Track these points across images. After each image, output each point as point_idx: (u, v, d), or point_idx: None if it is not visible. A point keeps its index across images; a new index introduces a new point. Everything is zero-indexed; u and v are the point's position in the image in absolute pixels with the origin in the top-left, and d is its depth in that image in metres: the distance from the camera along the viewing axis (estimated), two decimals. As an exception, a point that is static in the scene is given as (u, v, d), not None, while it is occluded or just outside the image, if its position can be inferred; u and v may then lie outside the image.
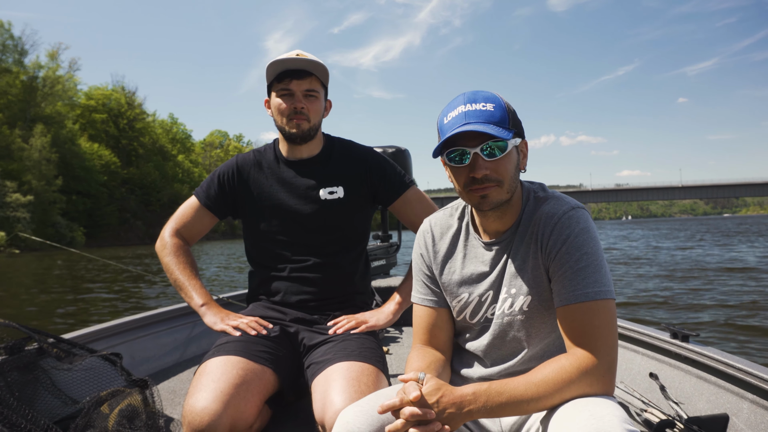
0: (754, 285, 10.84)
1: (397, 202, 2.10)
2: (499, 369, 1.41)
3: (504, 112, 1.27)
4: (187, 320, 3.06)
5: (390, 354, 3.08)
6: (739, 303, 8.38)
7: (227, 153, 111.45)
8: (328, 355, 1.77)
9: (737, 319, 7.02)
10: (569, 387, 1.16)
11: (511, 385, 1.18)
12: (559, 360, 1.20)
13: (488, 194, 1.28)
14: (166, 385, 2.55)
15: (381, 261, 4.50)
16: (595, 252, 1.25)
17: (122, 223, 69.10)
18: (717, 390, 1.90)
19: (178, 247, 2.09)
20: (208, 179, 2.13)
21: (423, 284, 1.53)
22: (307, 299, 2.00)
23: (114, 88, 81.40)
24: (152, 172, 78.53)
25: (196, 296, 2.01)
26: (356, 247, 2.09)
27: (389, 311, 2.02)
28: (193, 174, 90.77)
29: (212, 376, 1.63)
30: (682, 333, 2.11)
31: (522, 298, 1.35)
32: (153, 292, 13.38)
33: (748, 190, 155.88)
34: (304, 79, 1.92)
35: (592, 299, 1.21)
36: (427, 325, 1.50)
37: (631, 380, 2.32)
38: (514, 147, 1.30)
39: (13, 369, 1.56)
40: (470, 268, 1.44)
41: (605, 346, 1.19)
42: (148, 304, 11.03)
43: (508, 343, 1.40)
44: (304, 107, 1.93)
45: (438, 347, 1.49)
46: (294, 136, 1.97)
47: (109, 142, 75.04)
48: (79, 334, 2.32)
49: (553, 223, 1.30)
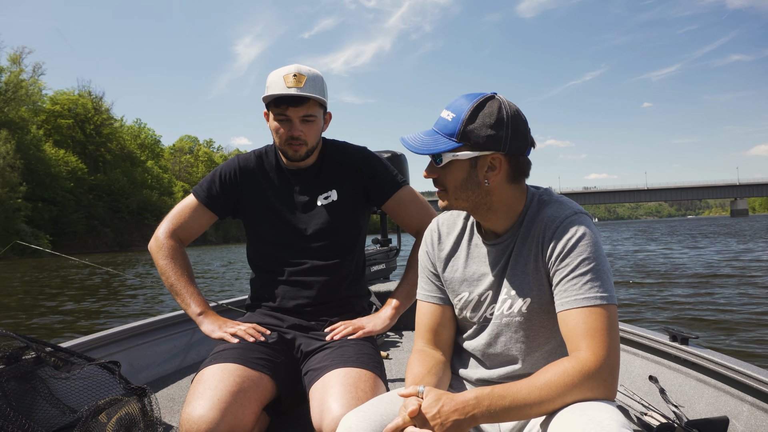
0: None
1: (391, 202, 2.09)
2: (499, 372, 1.42)
3: (456, 125, 1.29)
4: (185, 327, 3.03)
5: (389, 359, 3.08)
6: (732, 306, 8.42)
7: (197, 158, 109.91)
8: (325, 362, 1.77)
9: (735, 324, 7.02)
10: (572, 391, 1.16)
11: (514, 388, 1.18)
12: (562, 363, 1.20)
13: (439, 196, 1.38)
14: (165, 392, 2.53)
15: (380, 265, 4.47)
16: (596, 257, 1.26)
17: (89, 230, 67.45)
18: (717, 393, 1.90)
19: (174, 250, 2.06)
20: (207, 178, 2.10)
21: (428, 281, 1.55)
22: (304, 304, 2.00)
23: (80, 93, 79.61)
24: (120, 178, 76.93)
25: (194, 304, 2.00)
26: (352, 251, 2.08)
27: (386, 316, 2.01)
28: (163, 180, 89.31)
29: (209, 383, 1.63)
30: (681, 335, 2.11)
31: (521, 301, 1.36)
32: (140, 301, 13.14)
33: (710, 192, 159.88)
34: (300, 106, 1.89)
35: (593, 305, 1.22)
36: (431, 323, 1.51)
37: (630, 383, 2.32)
38: (461, 160, 1.31)
39: (11, 378, 1.54)
40: (472, 268, 1.46)
41: (607, 350, 1.19)
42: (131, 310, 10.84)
43: (505, 344, 1.41)
44: (301, 134, 1.91)
45: (440, 346, 1.50)
46: (292, 158, 1.98)
47: (75, 147, 73.36)
48: (77, 343, 2.30)
49: (554, 228, 1.31)
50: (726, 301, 8.84)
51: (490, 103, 1.30)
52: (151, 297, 13.48)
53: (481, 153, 1.30)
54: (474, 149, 1.30)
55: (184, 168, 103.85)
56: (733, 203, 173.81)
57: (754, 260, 15.88)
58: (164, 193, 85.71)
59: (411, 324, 3.74)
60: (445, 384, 1.44)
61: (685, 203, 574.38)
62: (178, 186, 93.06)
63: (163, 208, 79.94)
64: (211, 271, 22.22)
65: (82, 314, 10.87)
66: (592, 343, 1.19)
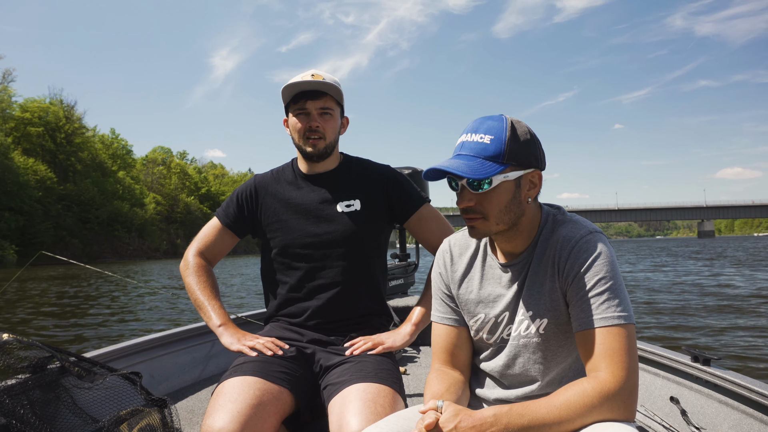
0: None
1: (413, 219, 2.12)
2: (517, 392, 1.42)
3: (500, 146, 1.27)
4: (205, 339, 3.04)
5: (407, 374, 3.09)
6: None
7: (170, 170, 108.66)
8: (344, 377, 1.77)
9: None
10: (591, 412, 1.16)
11: (533, 407, 1.17)
12: (581, 383, 1.20)
13: (474, 225, 1.32)
14: (185, 404, 2.54)
15: (399, 280, 4.50)
16: (613, 276, 1.26)
17: (57, 241, 65.96)
18: (740, 415, 1.86)
19: (200, 267, 2.11)
20: (227, 199, 2.16)
21: (442, 302, 1.54)
22: (324, 320, 2.01)
23: (52, 101, 78.33)
24: (90, 188, 75.60)
25: (215, 316, 2.01)
26: (374, 266, 2.09)
27: (406, 332, 2.02)
28: (134, 191, 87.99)
29: (229, 396, 1.64)
30: (703, 356, 2.08)
31: (538, 321, 1.36)
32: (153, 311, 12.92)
33: (678, 213, 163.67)
34: (318, 99, 1.96)
35: (610, 324, 1.22)
36: (447, 345, 1.51)
37: (651, 404, 2.29)
38: (509, 180, 1.29)
39: (36, 387, 1.53)
40: (487, 289, 1.45)
41: (627, 371, 1.19)
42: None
43: (523, 365, 1.40)
44: (319, 126, 1.96)
45: (457, 367, 1.50)
46: (311, 154, 2.00)
47: (45, 156, 72.02)
48: (99, 353, 2.30)
49: (570, 247, 1.31)
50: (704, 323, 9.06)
51: (517, 123, 1.31)
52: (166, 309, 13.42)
53: (525, 171, 1.30)
54: (520, 168, 1.30)
55: (156, 179, 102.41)
56: (700, 224, 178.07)
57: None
58: (135, 204, 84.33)
59: (429, 339, 3.77)
60: (465, 403, 1.44)
61: (654, 224, 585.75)
62: (149, 197, 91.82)
63: (134, 219, 78.73)
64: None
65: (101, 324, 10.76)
66: (611, 365, 1.19)
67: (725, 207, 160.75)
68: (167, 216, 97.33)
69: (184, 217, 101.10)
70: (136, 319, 11.81)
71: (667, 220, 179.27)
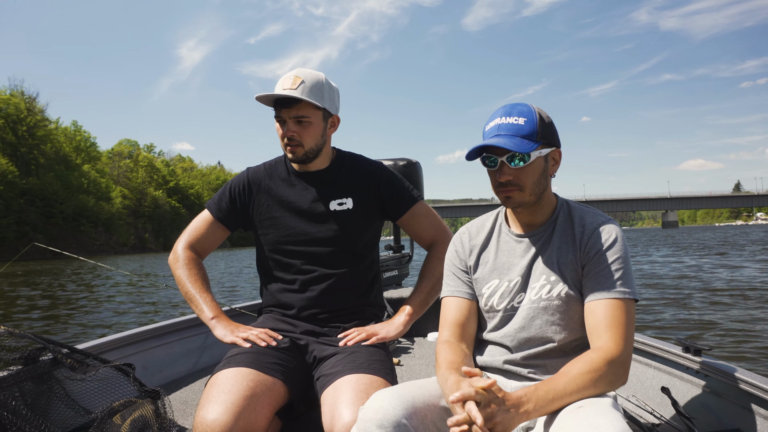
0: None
1: (405, 217, 2.13)
2: (523, 354, 1.51)
3: (534, 126, 1.45)
4: (199, 330, 3.02)
5: (401, 365, 3.10)
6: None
7: (137, 163, 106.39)
8: (337, 368, 1.78)
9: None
10: (601, 378, 1.30)
11: (554, 382, 1.28)
12: (589, 355, 1.34)
13: (511, 196, 1.48)
14: (179, 395, 2.52)
15: (393, 272, 4.52)
16: (628, 259, 1.46)
17: (20, 236, 63.96)
18: (730, 405, 1.89)
19: (190, 260, 2.10)
20: (219, 192, 2.14)
21: (454, 277, 1.66)
22: (317, 311, 2.01)
23: (12, 93, 75.81)
24: (54, 182, 73.55)
25: (207, 309, 2.00)
26: (366, 259, 2.10)
27: (400, 323, 2.03)
28: (100, 184, 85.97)
29: (223, 387, 1.64)
30: (694, 347, 2.12)
31: (561, 286, 1.49)
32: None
33: (643, 204, 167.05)
34: (292, 107, 1.92)
35: (621, 297, 1.41)
36: (457, 318, 1.60)
37: (643, 394, 2.32)
38: (541, 156, 1.48)
39: (28, 379, 1.51)
40: (502, 258, 1.59)
41: (626, 340, 1.37)
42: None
43: (540, 326, 1.50)
44: (294, 134, 1.94)
45: (465, 340, 1.58)
46: (292, 161, 2.02)
47: (5, 150, 69.59)
48: (92, 345, 2.28)
49: (592, 229, 1.49)
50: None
51: (539, 109, 1.49)
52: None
53: (551, 149, 1.50)
54: (549, 146, 1.49)
55: (123, 173, 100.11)
56: (664, 215, 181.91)
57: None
58: (101, 198, 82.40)
59: (423, 331, 3.80)
60: None
61: (620, 214, 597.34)
62: (116, 191, 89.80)
63: (101, 213, 77.07)
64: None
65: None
66: (614, 334, 1.37)
67: (688, 198, 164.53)
68: (135, 210, 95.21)
69: (152, 211, 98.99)
70: (127, 311, 11.73)
71: (632, 210, 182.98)
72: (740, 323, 7.64)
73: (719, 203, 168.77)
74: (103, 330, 9.33)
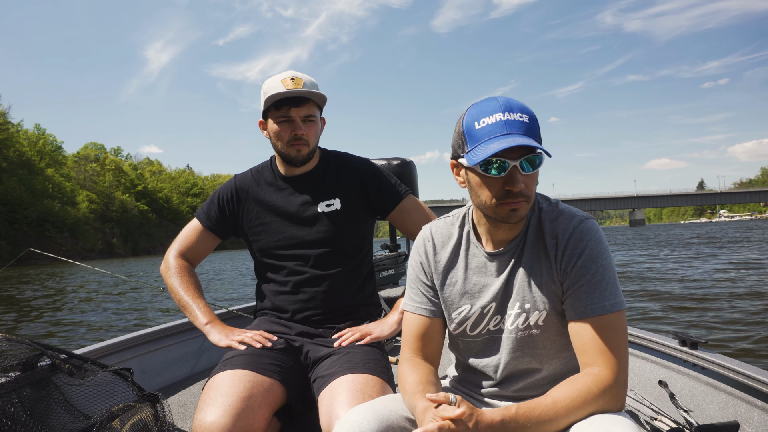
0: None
1: (395, 212, 2.13)
2: (515, 388, 1.40)
3: (536, 126, 1.25)
4: (197, 333, 3.01)
5: (397, 364, 3.09)
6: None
7: (104, 167, 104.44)
8: (333, 368, 1.79)
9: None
10: (591, 404, 1.18)
11: (538, 407, 1.18)
12: (581, 379, 1.22)
13: (519, 209, 1.26)
14: (177, 398, 2.53)
15: (389, 271, 4.52)
16: (609, 263, 1.27)
17: (-17, 242, 62.59)
18: (727, 397, 1.89)
19: (181, 268, 2.11)
20: (208, 201, 2.15)
21: (419, 292, 1.49)
22: (311, 313, 2.02)
23: (-28, 95, 73.94)
24: (17, 187, 71.77)
25: (201, 315, 2.01)
26: (358, 259, 2.10)
27: (393, 321, 2.03)
28: (65, 189, 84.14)
29: (220, 390, 1.64)
30: (690, 340, 2.11)
31: (537, 313, 1.33)
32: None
33: (611, 203, 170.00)
34: (302, 106, 1.93)
35: (609, 312, 1.24)
36: (420, 335, 1.47)
37: (640, 388, 2.31)
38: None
39: (26, 385, 1.49)
40: (473, 279, 1.41)
41: (620, 363, 1.22)
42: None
43: (523, 360, 1.37)
44: (303, 133, 1.95)
45: (428, 358, 1.46)
46: (295, 160, 2.01)
47: (-35, 154, 68.02)
48: (90, 350, 2.27)
49: (566, 237, 1.30)
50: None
51: None
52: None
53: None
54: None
55: (89, 177, 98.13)
56: (631, 213, 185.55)
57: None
58: (67, 202, 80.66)
59: None
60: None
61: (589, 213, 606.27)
62: (82, 195, 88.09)
63: (66, 218, 75.40)
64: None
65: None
66: (608, 359, 1.22)
67: (654, 196, 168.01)
68: (102, 215, 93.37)
69: (120, 216, 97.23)
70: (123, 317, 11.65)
71: (600, 209, 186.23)
72: (735, 316, 7.76)
73: (684, 201, 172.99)
74: (103, 334, 9.29)
